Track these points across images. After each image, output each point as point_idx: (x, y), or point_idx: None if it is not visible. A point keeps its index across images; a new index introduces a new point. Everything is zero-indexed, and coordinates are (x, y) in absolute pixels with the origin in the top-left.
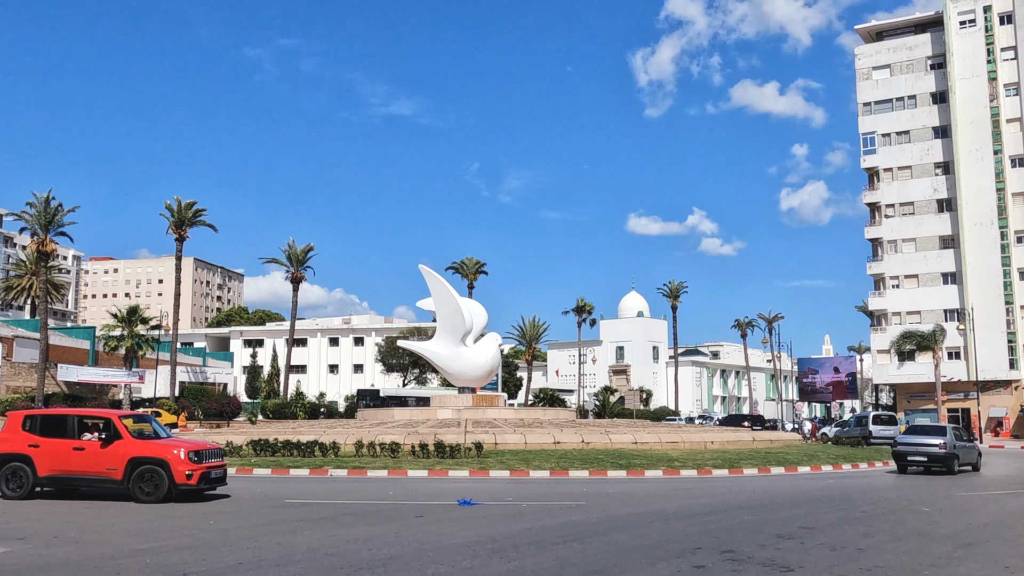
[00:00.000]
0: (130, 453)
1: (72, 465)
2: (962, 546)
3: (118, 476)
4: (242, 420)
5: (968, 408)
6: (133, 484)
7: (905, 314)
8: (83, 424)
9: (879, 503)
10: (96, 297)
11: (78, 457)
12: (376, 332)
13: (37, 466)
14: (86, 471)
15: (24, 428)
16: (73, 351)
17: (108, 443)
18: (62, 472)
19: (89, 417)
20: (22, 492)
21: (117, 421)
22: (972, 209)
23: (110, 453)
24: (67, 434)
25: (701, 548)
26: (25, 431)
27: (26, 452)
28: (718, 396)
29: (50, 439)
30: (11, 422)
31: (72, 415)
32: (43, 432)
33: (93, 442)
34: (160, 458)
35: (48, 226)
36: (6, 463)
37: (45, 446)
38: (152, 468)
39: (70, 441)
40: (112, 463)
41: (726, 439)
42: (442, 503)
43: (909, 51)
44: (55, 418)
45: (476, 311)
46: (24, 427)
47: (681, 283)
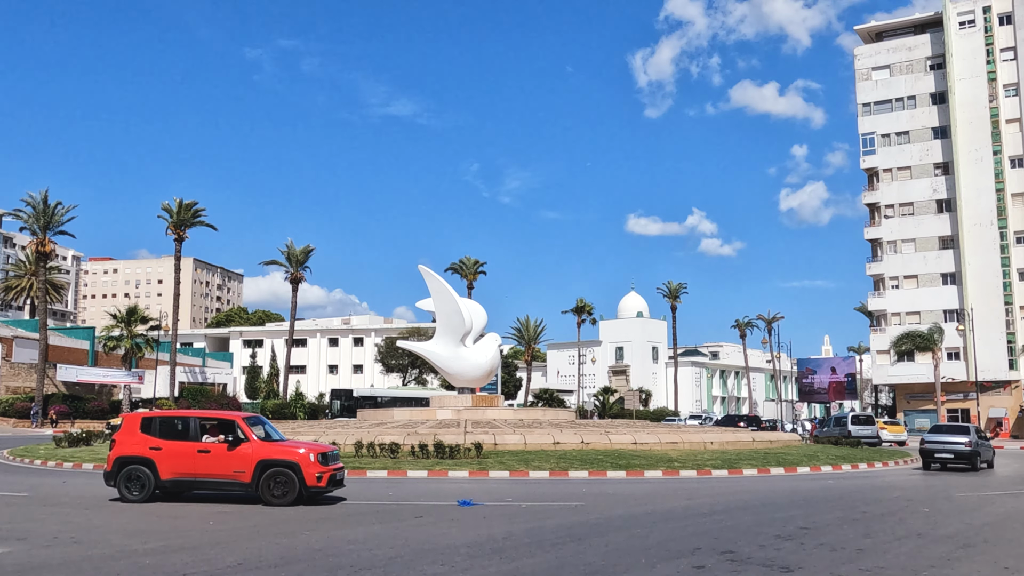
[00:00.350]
0: (259, 456)
1: (197, 468)
2: (962, 547)
3: (246, 479)
4: None
5: (967, 408)
6: (263, 487)
7: (905, 314)
8: (204, 426)
9: (879, 504)
10: (96, 297)
11: (204, 460)
12: (376, 332)
13: (159, 469)
14: (212, 474)
15: (143, 430)
16: (73, 351)
17: (235, 445)
18: (186, 475)
19: (210, 419)
20: (143, 495)
21: (242, 423)
22: (972, 210)
23: (238, 456)
24: (189, 436)
25: (701, 548)
26: (144, 433)
27: (148, 455)
28: (717, 397)
29: (172, 441)
30: (128, 424)
31: (194, 417)
32: (164, 434)
33: (219, 444)
34: (291, 460)
35: (47, 226)
36: (125, 466)
37: (167, 448)
38: (282, 471)
39: (194, 443)
40: (240, 466)
41: (726, 439)
42: (442, 503)
43: (908, 52)
44: (176, 420)
45: (476, 311)
46: (143, 429)
47: (681, 284)
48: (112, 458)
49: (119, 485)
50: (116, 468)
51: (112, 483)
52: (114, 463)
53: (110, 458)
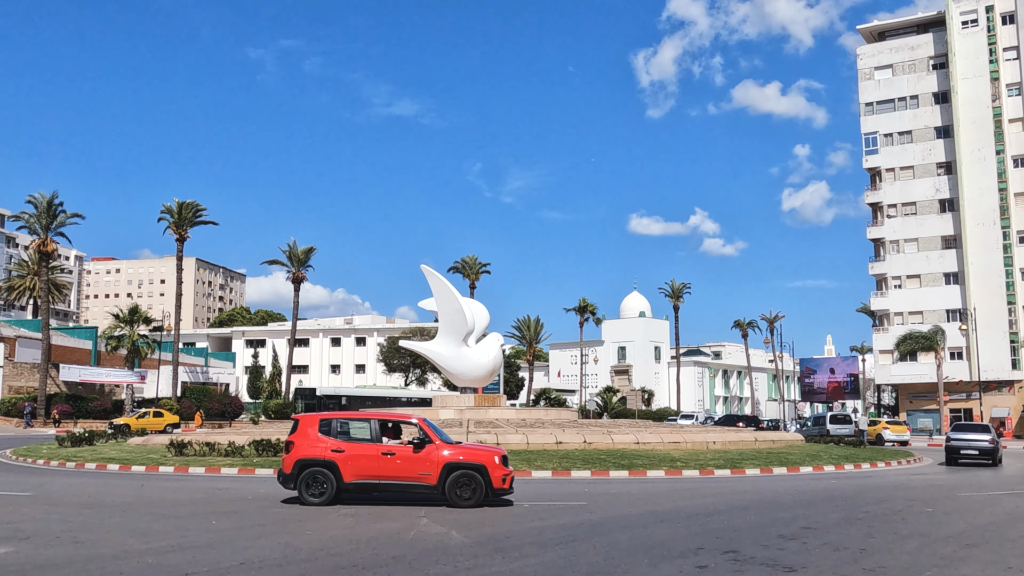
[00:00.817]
0: (445, 458)
1: (382, 471)
2: (965, 546)
3: (432, 481)
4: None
5: (970, 408)
6: (449, 489)
7: (907, 314)
8: (384, 428)
9: (882, 503)
10: (98, 297)
11: (388, 463)
12: (378, 332)
13: (343, 472)
14: (397, 476)
15: (321, 432)
16: (75, 351)
17: (420, 448)
18: (370, 478)
19: (391, 420)
20: (325, 499)
21: (425, 425)
22: (974, 209)
23: (424, 458)
24: (371, 438)
25: (703, 548)
26: (323, 435)
27: (330, 458)
28: (720, 396)
29: (354, 444)
30: (304, 426)
31: (374, 418)
32: (344, 437)
33: (404, 447)
34: (479, 463)
35: (49, 227)
36: (306, 468)
37: (350, 451)
38: (470, 473)
39: (377, 446)
40: (426, 468)
41: (728, 439)
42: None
43: (911, 51)
44: (358, 422)
45: (478, 311)
46: (321, 431)
47: (684, 284)
48: (292, 460)
49: (299, 487)
50: (296, 470)
51: (291, 485)
52: (294, 465)
53: (289, 460)
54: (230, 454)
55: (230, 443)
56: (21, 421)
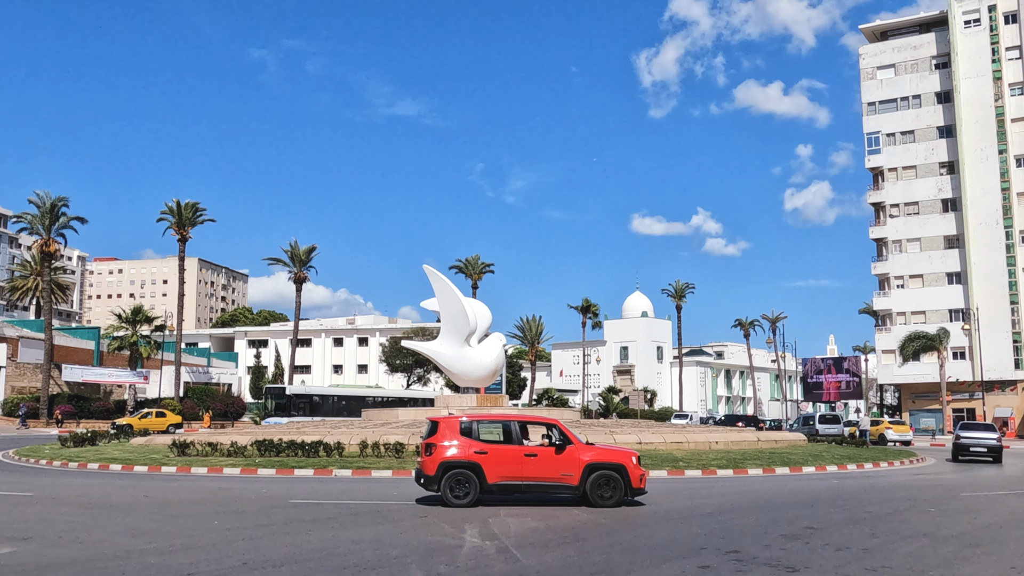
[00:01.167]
0: (586, 459)
1: (524, 472)
2: (968, 546)
3: (574, 482)
4: (246, 420)
5: (973, 408)
6: (591, 489)
7: (910, 314)
8: (525, 429)
9: (884, 503)
10: (101, 298)
11: (531, 463)
12: (380, 332)
13: (486, 473)
14: (540, 477)
15: (464, 434)
16: (78, 351)
17: (561, 449)
18: (513, 479)
19: (530, 422)
20: (469, 500)
21: (564, 427)
22: (977, 209)
23: (566, 459)
24: (513, 440)
25: (706, 548)
26: (465, 437)
27: (474, 459)
28: (722, 396)
29: (497, 445)
30: (445, 428)
31: (515, 420)
32: (487, 438)
33: (546, 448)
34: (619, 464)
35: (51, 227)
36: (450, 470)
37: (493, 453)
38: (610, 474)
39: (519, 447)
40: (568, 469)
41: (730, 439)
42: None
43: (914, 51)
44: (498, 423)
45: (480, 311)
46: (463, 433)
47: (687, 284)
48: (435, 462)
49: (444, 489)
50: (440, 472)
51: (435, 488)
52: (438, 467)
53: (432, 462)
54: (232, 454)
55: (232, 443)
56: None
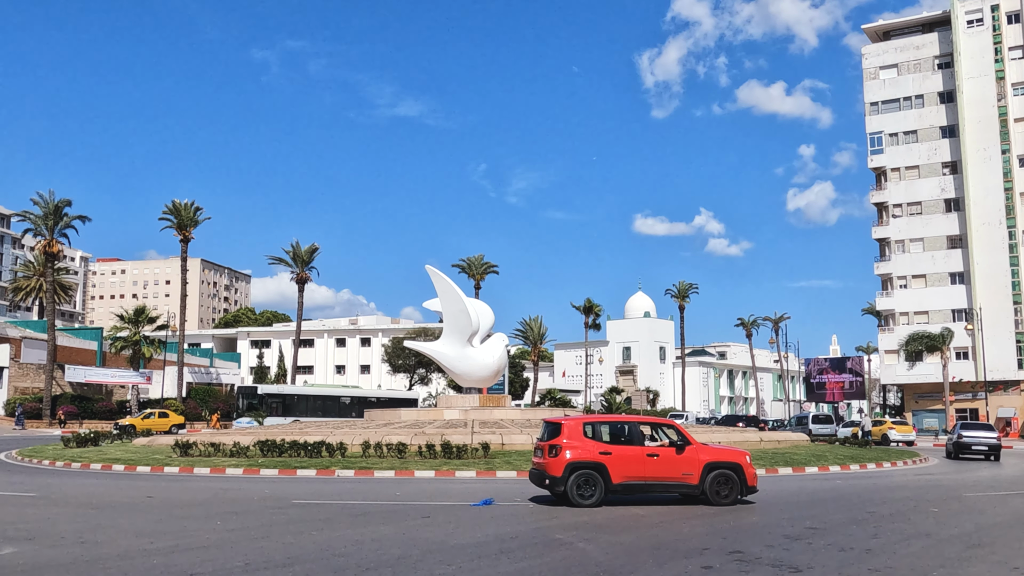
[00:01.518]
0: (704, 459)
1: (647, 471)
2: (971, 547)
3: (694, 481)
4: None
5: (976, 408)
6: (710, 488)
7: (913, 314)
8: (643, 430)
9: (887, 504)
10: (104, 298)
11: (653, 464)
12: (383, 333)
13: (611, 473)
14: (662, 477)
15: (587, 435)
16: (81, 352)
17: (681, 450)
18: (636, 479)
19: (649, 424)
20: (595, 500)
21: (682, 428)
22: (980, 209)
23: (686, 459)
24: (635, 441)
25: (709, 548)
26: (589, 439)
27: (599, 460)
28: (725, 397)
29: (621, 446)
30: (569, 430)
31: (635, 422)
32: (610, 440)
33: (667, 448)
34: (735, 463)
35: (54, 228)
36: (576, 471)
37: (617, 453)
38: (727, 473)
39: (641, 448)
40: (688, 468)
41: (733, 439)
42: (449, 503)
43: (916, 50)
44: (619, 425)
45: (483, 312)
46: (586, 434)
47: (690, 284)
48: (563, 463)
49: (570, 489)
50: (567, 472)
51: (560, 488)
52: (565, 468)
53: (557, 463)
54: (235, 454)
55: (235, 444)
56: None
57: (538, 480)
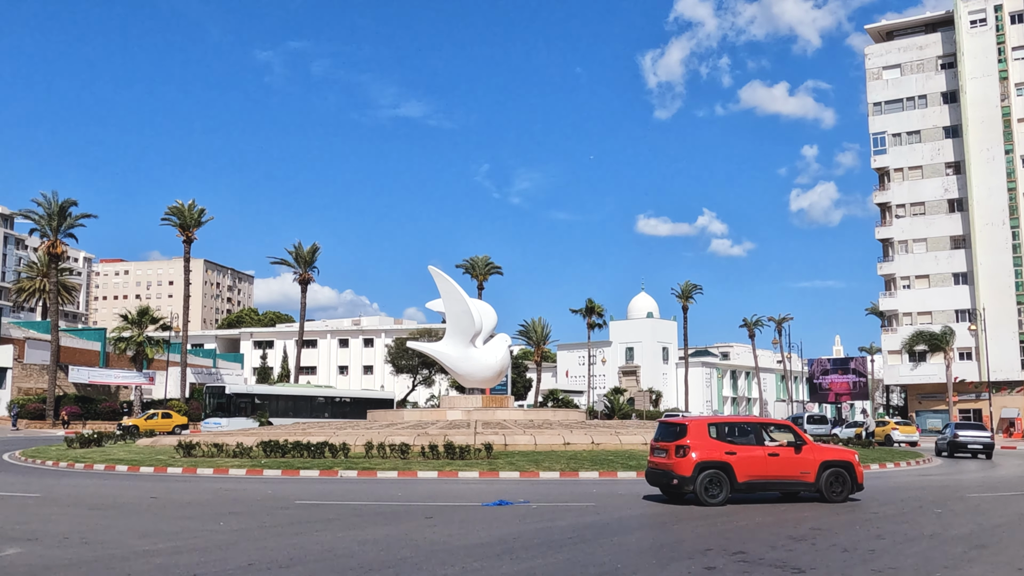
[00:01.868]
0: (820, 457)
1: (768, 470)
2: (975, 547)
3: (810, 479)
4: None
5: (980, 409)
6: (825, 486)
7: (916, 314)
8: (765, 431)
9: (890, 504)
10: (107, 299)
11: (774, 463)
12: (386, 333)
13: (736, 472)
14: (782, 476)
15: (712, 436)
16: (84, 352)
17: (799, 449)
18: (759, 478)
19: (767, 424)
20: (721, 499)
21: (797, 428)
22: (983, 209)
23: (803, 458)
24: (756, 441)
25: (712, 549)
26: (715, 439)
27: (725, 459)
28: (728, 397)
29: (744, 446)
30: (694, 430)
31: (756, 423)
32: (734, 440)
33: (786, 448)
34: (847, 461)
35: (59, 228)
36: (704, 471)
37: (741, 453)
38: (840, 471)
39: (763, 447)
40: (805, 467)
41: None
42: (452, 504)
43: (919, 51)
44: (741, 426)
45: (485, 312)
46: (711, 435)
47: (694, 285)
48: (691, 463)
49: (699, 488)
50: (696, 472)
51: (689, 488)
52: (695, 468)
53: (686, 463)
54: (238, 455)
55: (238, 444)
56: (31, 422)
57: (659, 480)
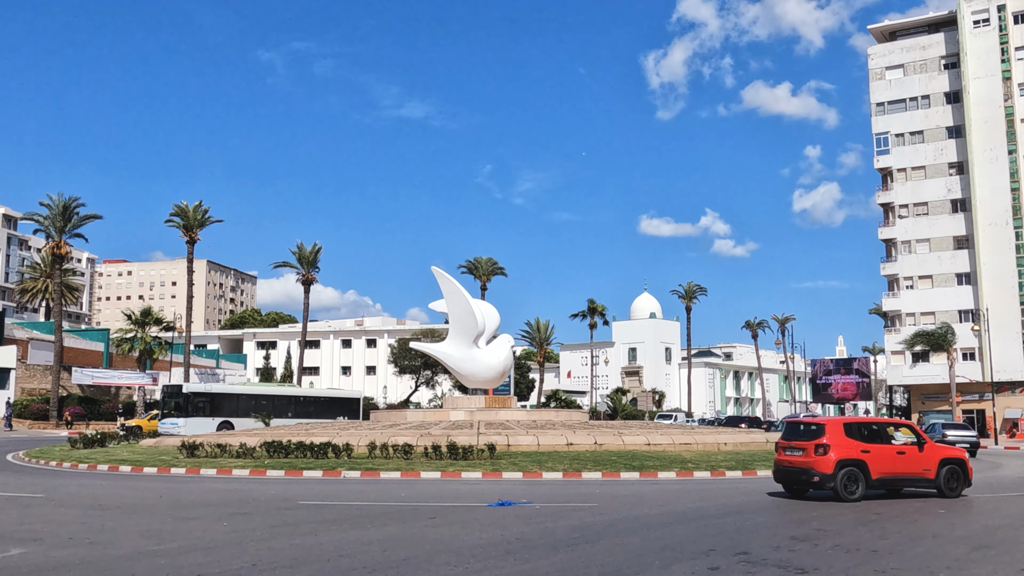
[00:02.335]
0: (939, 455)
1: (896, 467)
2: (978, 548)
3: (932, 476)
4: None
5: (983, 409)
6: (944, 482)
7: (919, 315)
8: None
9: (894, 504)
10: (110, 299)
11: (901, 460)
12: (388, 334)
13: (870, 470)
14: (908, 472)
15: (847, 435)
16: (87, 353)
17: (922, 447)
18: (889, 474)
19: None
20: (859, 495)
21: (918, 427)
22: (987, 209)
23: (926, 456)
24: (884, 440)
25: (715, 550)
26: (850, 438)
27: (860, 457)
28: (731, 398)
29: (877, 445)
30: (831, 429)
31: (883, 423)
32: (867, 439)
33: (910, 446)
34: (961, 459)
35: (63, 229)
36: (844, 468)
37: (874, 451)
38: (956, 467)
39: (892, 446)
40: (927, 464)
41: (739, 440)
42: (455, 505)
43: (923, 51)
44: (872, 426)
45: (488, 313)
46: (847, 434)
47: (697, 286)
48: (832, 461)
49: (839, 485)
50: (836, 469)
51: (830, 485)
52: (836, 465)
53: (827, 461)
54: (241, 455)
55: (241, 445)
56: (35, 422)
57: (792, 477)
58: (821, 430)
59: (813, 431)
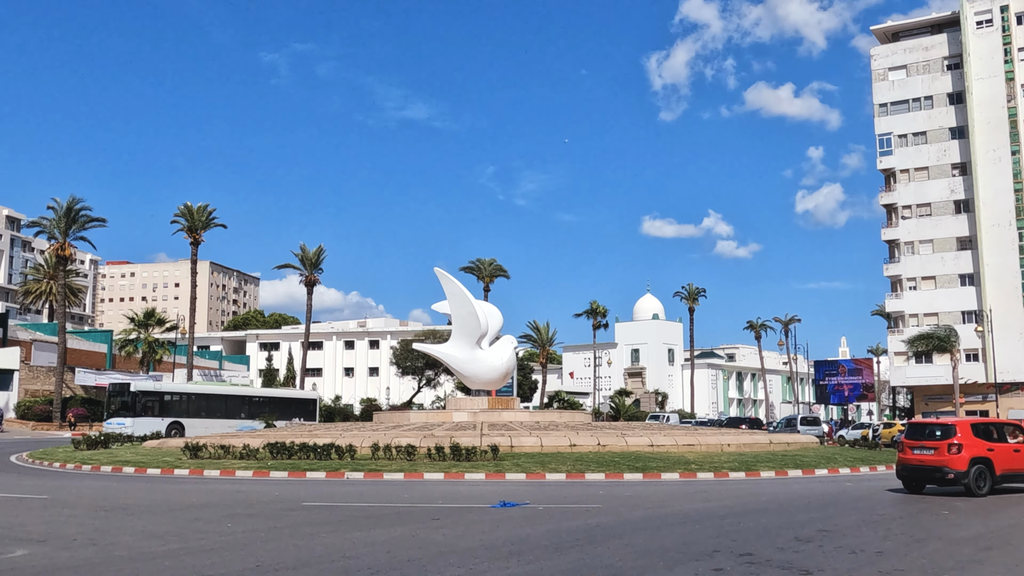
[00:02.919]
0: None
1: (1016, 464)
2: (983, 549)
3: None
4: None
5: (987, 410)
6: None
7: (922, 316)
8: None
9: (898, 506)
10: (113, 301)
11: (1018, 457)
12: (391, 335)
13: (995, 467)
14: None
15: (975, 435)
16: (90, 354)
17: None
18: (1010, 471)
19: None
20: (987, 490)
21: None
22: (990, 210)
23: None
24: (1003, 438)
25: (719, 551)
26: (977, 437)
27: (987, 455)
28: (734, 399)
29: (998, 443)
30: (961, 429)
31: (1000, 423)
32: (990, 438)
33: (1022, 444)
34: None
35: (68, 231)
36: (975, 465)
37: (998, 449)
38: None
39: (1010, 444)
40: None
41: (742, 442)
42: (459, 506)
43: (925, 52)
44: (994, 426)
45: (491, 314)
46: (975, 434)
47: (700, 288)
48: (966, 459)
49: (971, 481)
50: (970, 466)
51: (964, 481)
52: (969, 463)
53: (961, 459)
54: (245, 456)
55: (245, 446)
56: (38, 424)
57: (921, 475)
58: (953, 430)
59: (943, 431)
